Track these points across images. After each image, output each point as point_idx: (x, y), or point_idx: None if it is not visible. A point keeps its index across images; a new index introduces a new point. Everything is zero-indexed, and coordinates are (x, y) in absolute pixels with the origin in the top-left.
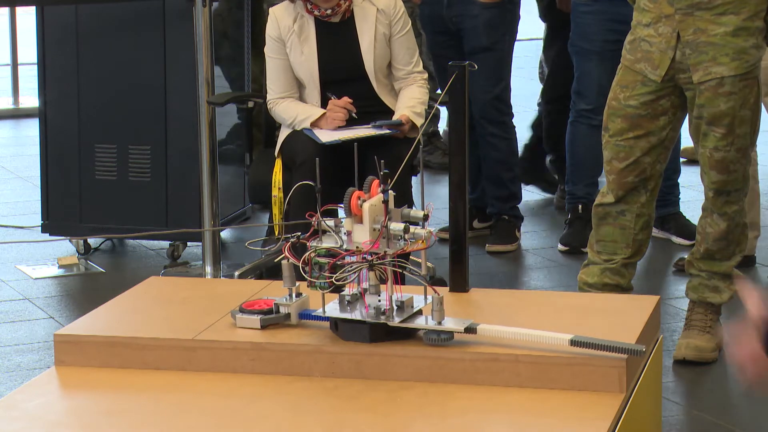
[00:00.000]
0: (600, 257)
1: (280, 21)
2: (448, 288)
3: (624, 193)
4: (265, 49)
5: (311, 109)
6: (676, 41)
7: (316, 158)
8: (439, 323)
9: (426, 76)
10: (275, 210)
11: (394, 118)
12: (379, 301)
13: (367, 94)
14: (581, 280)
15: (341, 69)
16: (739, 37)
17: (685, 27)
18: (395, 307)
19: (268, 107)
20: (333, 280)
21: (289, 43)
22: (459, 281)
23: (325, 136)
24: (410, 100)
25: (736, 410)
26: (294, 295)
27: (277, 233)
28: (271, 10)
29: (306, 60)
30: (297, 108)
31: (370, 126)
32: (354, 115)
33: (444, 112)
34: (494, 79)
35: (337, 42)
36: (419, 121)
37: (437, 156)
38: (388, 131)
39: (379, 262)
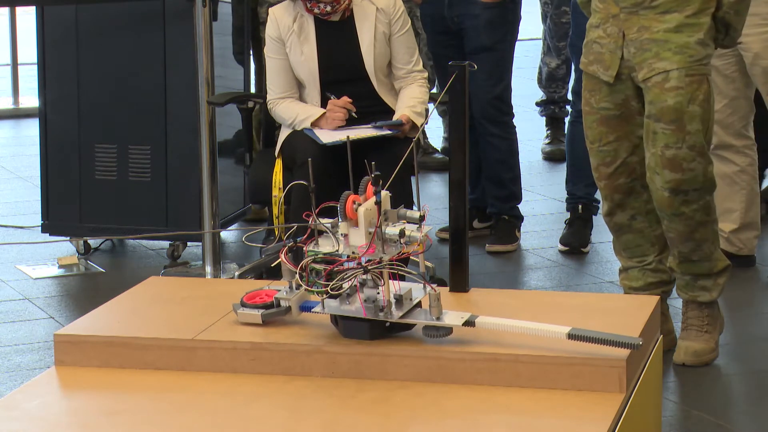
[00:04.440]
0: (634, 261)
1: (279, 21)
2: (448, 288)
3: (621, 196)
4: (265, 50)
5: (311, 109)
6: (623, 40)
7: (311, 159)
8: (438, 318)
9: (426, 75)
10: (275, 210)
11: (395, 118)
12: (378, 294)
13: (367, 94)
14: (625, 286)
15: (341, 68)
16: (681, 32)
17: (630, 26)
18: (393, 302)
19: (268, 107)
20: (329, 289)
21: (289, 42)
22: (459, 281)
23: (326, 136)
24: (410, 100)
25: (736, 410)
26: (294, 287)
27: (277, 235)
28: (270, 10)
29: (306, 60)
30: (297, 108)
31: (370, 126)
32: (354, 114)
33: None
34: (495, 79)
35: (336, 41)
36: (420, 121)
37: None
38: (388, 131)
39: (374, 267)
